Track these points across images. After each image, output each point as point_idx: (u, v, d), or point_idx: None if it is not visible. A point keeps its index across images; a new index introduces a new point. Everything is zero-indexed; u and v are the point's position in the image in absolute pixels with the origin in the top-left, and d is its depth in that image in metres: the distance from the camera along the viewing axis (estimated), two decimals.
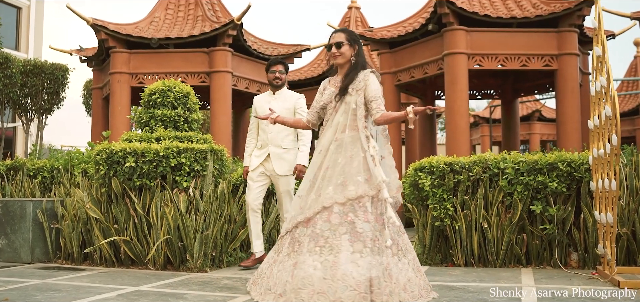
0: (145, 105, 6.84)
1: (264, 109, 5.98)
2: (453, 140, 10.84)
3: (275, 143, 6.08)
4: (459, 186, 6.55)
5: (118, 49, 12.29)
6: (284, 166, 6.07)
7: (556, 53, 11.15)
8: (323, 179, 4.25)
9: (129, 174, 6.21)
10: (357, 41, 4.58)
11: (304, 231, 4.14)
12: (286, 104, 6.12)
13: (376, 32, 12.90)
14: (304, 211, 4.20)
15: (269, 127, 6.06)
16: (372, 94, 4.37)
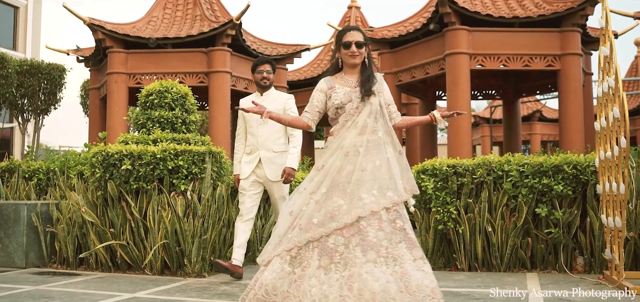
0: (142, 107, 6.72)
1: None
2: (455, 142, 10.74)
3: (266, 147, 5.78)
4: (462, 189, 6.44)
5: (115, 49, 12.18)
6: (277, 170, 5.77)
7: (559, 53, 11.05)
8: (357, 184, 3.98)
9: (125, 177, 6.09)
10: (368, 42, 4.45)
11: (346, 240, 3.74)
12: (276, 105, 5.80)
13: (377, 32, 12.80)
14: (336, 218, 3.74)
15: (259, 130, 5.77)
16: (388, 98, 4.24)
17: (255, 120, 5.78)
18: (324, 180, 3.89)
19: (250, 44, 13.01)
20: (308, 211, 3.79)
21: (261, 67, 5.94)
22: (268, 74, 5.92)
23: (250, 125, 5.85)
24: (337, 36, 4.21)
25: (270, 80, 5.94)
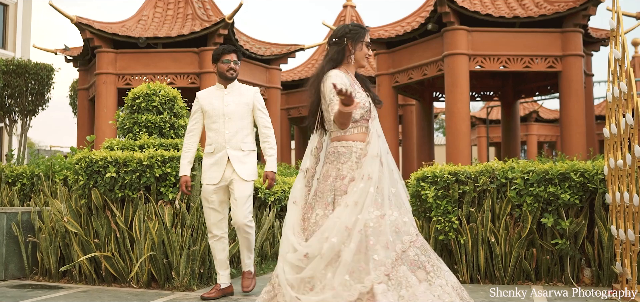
0: (128, 110, 6.44)
1: (215, 106, 5.23)
2: (454, 145, 10.49)
3: (234, 145, 5.17)
4: (464, 197, 6.18)
5: (104, 48, 11.90)
6: (247, 170, 5.19)
7: (560, 54, 10.82)
8: (397, 195, 3.74)
9: (110, 185, 5.81)
10: None
11: (420, 249, 3.56)
12: (243, 99, 5.29)
13: (373, 32, 12.53)
14: (402, 231, 3.51)
15: (226, 127, 5.18)
16: None
17: (221, 115, 5.22)
18: (379, 192, 3.61)
19: (243, 43, 12.73)
20: (383, 228, 3.49)
21: (228, 57, 5.31)
22: (235, 64, 5.32)
23: (214, 121, 5.22)
24: (356, 31, 3.89)
25: (237, 71, 5.35)
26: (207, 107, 5.27)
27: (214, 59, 5.35)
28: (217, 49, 5.36)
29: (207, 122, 5.28)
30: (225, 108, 5.23)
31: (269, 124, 5.37)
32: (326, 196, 3.66)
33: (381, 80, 12.31)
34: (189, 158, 5.29)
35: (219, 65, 5.33)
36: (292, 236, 3.59)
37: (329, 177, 3.70)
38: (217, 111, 5.23)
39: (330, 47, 3.95)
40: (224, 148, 5.18)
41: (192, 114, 5.35)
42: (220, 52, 5.31)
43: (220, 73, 5.33)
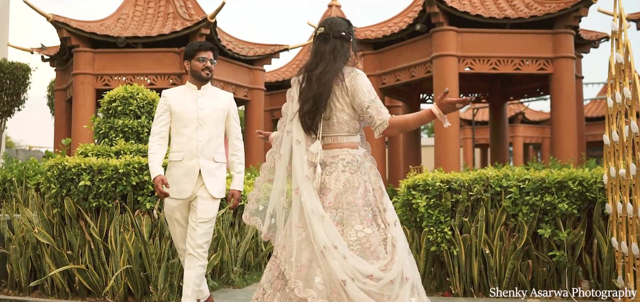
0: (104, 114, 6.14)
1: (187, 108, 4.63)
2: (442, 149, 10.27)
3: (207, 155, 4.59)
4: (457, 207, 5.95)
5: (81, 48, 11.56)
6: (217, 186, 4.63)
7: (551, 56, 10.64)
8: None
9: (84, 194, 5.50)
10: None
11: None
12: (219, 103, 4.75)
13: (359, 32, 12.28)
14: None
15: (199, 133, 4.59)
16: None
17: (194, 119, 4.62)
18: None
19: (225, 43, 12.44)
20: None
21: (204, 54, 4.70)
22: (212, 63, 4.72)
23: (185, 126, 4.60)
24: (349, 29, 3.57)
25: (212, 71, 4.75)
26: (177, 109, 4.63)
27: (187, 56, 4.73)
28: (192, 45, 4.76)
29: (176, 126, 4.63)
30: (200, 112, 4.62)
31: (240, 135, 4.88)
32: (363, 211, 3.34)
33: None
34: (159, 159, 4.57)
35: (193, 63, 4.70)
36: (359, 261, 3.18)
37: (357, 189, 3.37)
38: (189, 114, 4.61)
39: (333, 40, 3.52)
40: (195, 157, 4.55)
41: (159, 115, 4.67)
42: (196, 49, 4.71)
43: (193, 72, 4.71)
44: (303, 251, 3.27)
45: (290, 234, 3.37)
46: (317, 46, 3.53)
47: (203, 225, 4.51)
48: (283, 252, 3.38)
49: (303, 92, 3.47)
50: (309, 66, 3.52)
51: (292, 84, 3.58)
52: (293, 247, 3.30)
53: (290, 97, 3.58)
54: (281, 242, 3.43)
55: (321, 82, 3.42)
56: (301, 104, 3.47)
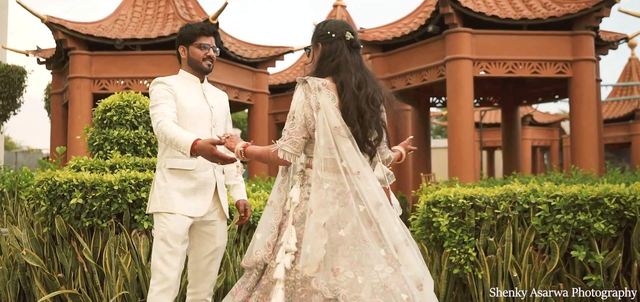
0: (98, 125, 5.72)
1: (198, 105, 3.82)
2: (457, 157, 9.85)
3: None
4: (481, 225, 5.51)
5: (78, 50, 11.16)
6: (226, 204, 3.94)
7: (571, 59, 10.22)
8: None
9: (76, 212, 5.08)
10: (319, 38, 3.44)
11: None
12: (222, 103, 4.00)
13: (368, 34, 11.88)
14: None
15: (213, 135, 3.81)
16: None
17: (207, 118, 3.84)
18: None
19: (228, 45, 12.03)
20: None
21: (206, 40, 3.84)
22: (215, 52, 3.90)
23: (196, 124, 3.76)
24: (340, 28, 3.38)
25: (214, 62, 3.92)
26: (185, 102, 3.75)
27: (183, 40, 3.86)
28: (191, 27, 3.86)
29: (183, 123, 3.72)
30: (213, 110, 3.85)
31: None
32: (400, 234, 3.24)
33: None
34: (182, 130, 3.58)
35: (191, 50, 3.84)
36: None
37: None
38: (201, 111, 3.80)
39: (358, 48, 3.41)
40: (210, 166, 3.78)
41: (164, 98, 3.70)
42: (197, 32, 3.82)
43: (192, 61, 3.84)
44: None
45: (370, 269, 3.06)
46: (345, 55, 3.31)
47: (219, 256, 3.87)
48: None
49: (355, 113, 3.23)
50: (357, 83, 3.26)
51: (318, 88, 3.23)
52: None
53: (314, 107, 3.22)
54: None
55: (376, 105, 3.28)
56: (361, 130, 3.25)
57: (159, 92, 3.74)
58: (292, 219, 3.20)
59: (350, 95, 3.22)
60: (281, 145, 3.23)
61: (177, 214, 3.63)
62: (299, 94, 3.27)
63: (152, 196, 3.76)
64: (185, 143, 3.42)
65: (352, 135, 3.21)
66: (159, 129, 3.59)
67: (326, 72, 3.31)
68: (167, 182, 3.70)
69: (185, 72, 3.90)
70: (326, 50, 3.34)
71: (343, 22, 3.40)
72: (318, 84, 3.22)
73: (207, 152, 3.38)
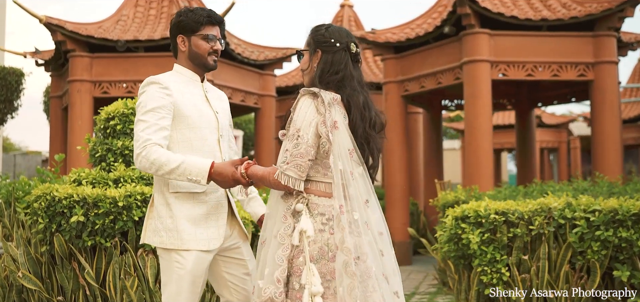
0: (101, 134, 5.35)
1: (201, 110, 3.24)
2: (474, 164, 9.48)
3: None
4: (514, 242, 5.16)
5: (78, 52, 10.80)
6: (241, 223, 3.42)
7: (592, 61, 9.86)
8: None
9: (77, 231, 4.72)
10: (319, 45, 3.09)
11: None
12: (224, 105, 3.45)
13: (379, 35, 11.51)
14: None
15: (222, 147, 3.29)
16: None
17: (213, 126, 3.26)
18: None
19: (234, 47, 11.67)
20: None
21: (212, 30, 3.28)
22: (221, 44, 3.33)
23: (202, 137, 3.20)
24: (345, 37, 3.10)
25: (218, 56, 3.35)
26: (186, 108, 3.17)
27: (184, 29, 3.24)
28: (193, 12, 3.25)
29: (185, 136, 3.17)
30: (218, 116, 3.30)
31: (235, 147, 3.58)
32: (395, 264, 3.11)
33: (389, 89, 11.28)
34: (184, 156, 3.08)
35: (194, 41, 3.24)
36: None
37: None
38: (206, 120, 3.23)
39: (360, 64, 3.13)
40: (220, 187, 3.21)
41: (155, 110, 3.10)
42: (202, 21, 3.23)
43: (194, 55, 3.25)
44: None
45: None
46: (350, 68, 3.03)
47: (249, 282, 3.29)
48: None
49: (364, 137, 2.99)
50: (363, 104, 2.99)
51: (330, 104, 2.90)
52: None
53: (330, 125, 2.88)
54: None
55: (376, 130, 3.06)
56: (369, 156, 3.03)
57: (152, 97, 3.11)
58: (310, 256, 2.84)
59: (359, 116, 2.96)
60: (284, 170, 2.89)
61: (193, 251, 3.09)
62: (307, 109, 2.91)
63: (151, 225, 3.21)
64: (198, 169, 2.98)
65: (363, 161, 2.95)
66: (148, 159, 3.02)
67: (330, 85, 2.98)
68: (171, 209, 3.12)
69: (183, 68, 3.29)
70: (328, 60, 3.01)
71: (347, 31, 3.09)
72: (329, 98, 2.89)
73: (228, 177, 3.00)
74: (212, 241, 3.14)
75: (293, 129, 2.91)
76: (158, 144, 3.03)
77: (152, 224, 3.20)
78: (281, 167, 2.90)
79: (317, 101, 2.89)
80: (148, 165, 3.03)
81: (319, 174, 2.93)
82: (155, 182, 3.24)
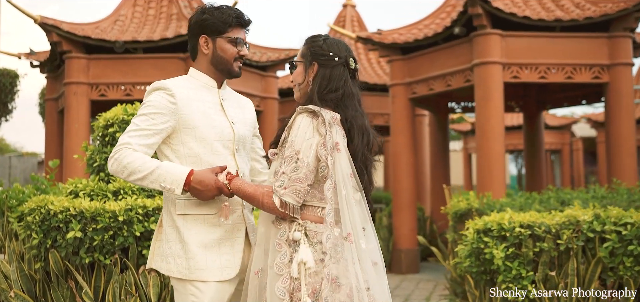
0: (99, 142, 5.05)
1: (214, 120, 2.90)
2: (486, 169, 9.20)
3: None
4: (540, 257, 4.87)
5: (74, 53, 10.50)
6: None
7: (607, 63, 9.58)
8: None
9: (74, 247, 4.41)
10: (316, 57, 2.83)
11: None
12: (246, 114, 3.10)
13: (386, 35, 11.22)
14: None
15: (239, 162, 2.93)
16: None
17: (228, 139, 2.91)
18: None
19: None
20: None
21: (240, 33, 2.95)
22: (247, 50, 3.01)
23: (214, 151, 2.85)
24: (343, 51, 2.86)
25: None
26: (195, 118, 2.84)
27: (209, 28, 2.91)
28: (221, 11, 2.90)
29: (193, 150, 2.84)
30: (235, 127, 2.94)
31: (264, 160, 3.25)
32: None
33: (396, 91, 10.98)
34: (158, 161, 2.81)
35: (220, 44, 2.91)
36: None
37: None
38: (219, 129, 2.88)
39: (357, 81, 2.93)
40: (238, 206, 2.89)
41: (151, 113, 2.81)
42: (231, 21, 2.90)
43: (219, 60, 2.93)
44: None
45: None
46: (350, 86, 2.80)
47: None
48: None
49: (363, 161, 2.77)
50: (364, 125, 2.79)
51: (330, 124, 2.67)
52: None
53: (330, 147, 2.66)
54: None
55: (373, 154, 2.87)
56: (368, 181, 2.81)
57: (151, 102, 2.83)
58: (312, 289, 2.59)
59: (360, 139, 2.73)
60: (281, 195, 2.63)
61: (211, 282, 2.76)
62: (306, 128, 2.67)
63: (159, 249, 2.90)
64: (173, 176, 2.70)
65: (361, 187, 2.72)
66: (120, 163, 2.74)
67: (329, 103, 2.73)
68: (180, 233, 2.80)
69: (199, 73, 2.96)
70: (326, 74, 2.77)
71: (345, 45, 2.85)
72: (328, 117, 2.65)
73: (210, 186, 2.71)
74: (225, 270, 2.81)
75: (291, 151, 2.66)
76: (134, 149, 2.75)
77: (159, 247, 2.91)
78: (278, 191, 2.64)
79: (318, 121, 2.66)
80: (120, 169, 2.75)
81: (315, 198, 2.71)
82: (163, 200, 2.95)
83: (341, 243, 2.62)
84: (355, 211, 2.66)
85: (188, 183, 2.70)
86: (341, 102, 2.74)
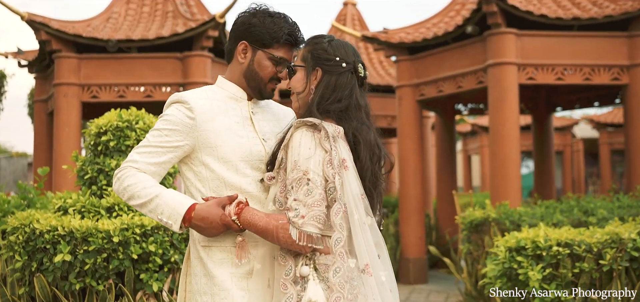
0: (91, 151, 4.60)
1: (242, 139, 2.50)
2: (501, 175, 8.81)
3: None
4: (579, 278, 4.45)
5: (64, 53, 10.06)
6: None
7: (627, 64, 9.20)
8: None
9: (62, 271, 3.96)
10: (320, 62, 2.45)
11: None
12: (280, 127, 2.62)
13: (392, 34, 10.82)
14: None
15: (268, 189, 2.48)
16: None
17: (256, 159, 2.49)
18: None
19: None
20: None
21: (287, 53, 2.54)
22: (286, 75, 2.56)
23: (239, 171, 2.46)
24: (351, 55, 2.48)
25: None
26: (215, 137, 2.48)
27: (253, 36, 2.54)
28: (273, 19, 2.54)
29: (215, 169, 2.47)
30: (265, 144, 2.53)
31: None
32: None
33: (403, 93, 10.57)
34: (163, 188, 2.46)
35: (260, 59, 2.53)
36: None
37: None
38: (246, 148, 2.49)
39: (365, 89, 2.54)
40: (258, 245, 2.49)
41: (165, 129, 2.49)
42: (281, 36, 2.52)
43: (253, 75, 2.55)
44: None
45: None
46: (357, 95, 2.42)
47: None
48: None
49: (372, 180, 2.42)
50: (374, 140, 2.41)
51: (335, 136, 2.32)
52: None
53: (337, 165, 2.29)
54: None
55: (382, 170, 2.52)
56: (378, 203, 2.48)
57: (167, 117, 2.50)
58: None
59: (368, 156, 2.37)
60: (301, 226, 2.23)
61: None
62: (309, 144, 2.29)
63: (186, 284, 2.57)
64: (171, 209, 2.36)
65: (371, 210, 2.40)
66: (122, 183, 2.48)
67: (330, 114, 2.36)
68: (205, 266, 2.44)
69: (228, 83, 2.61)
70: (331, 82, 2.39)
71: (353, 48, 2.48)
72: (332, 130, 2.29)
73: (215, 223, 2.34)
74: None
75: (297, 172, 2.27)
76: (139, 169, 2.45)
77: (188, 283, 2.56)
78: (296, 222, 2.23)
79: (320, 135, 2.29)
80: (121, 190, 2.50)
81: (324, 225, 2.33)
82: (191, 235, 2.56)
83: (358, 276, 2.27)
84: (370, 238, 2.31)
85: (188, 220, 2.36)
86: (345, 113, 2.38)
